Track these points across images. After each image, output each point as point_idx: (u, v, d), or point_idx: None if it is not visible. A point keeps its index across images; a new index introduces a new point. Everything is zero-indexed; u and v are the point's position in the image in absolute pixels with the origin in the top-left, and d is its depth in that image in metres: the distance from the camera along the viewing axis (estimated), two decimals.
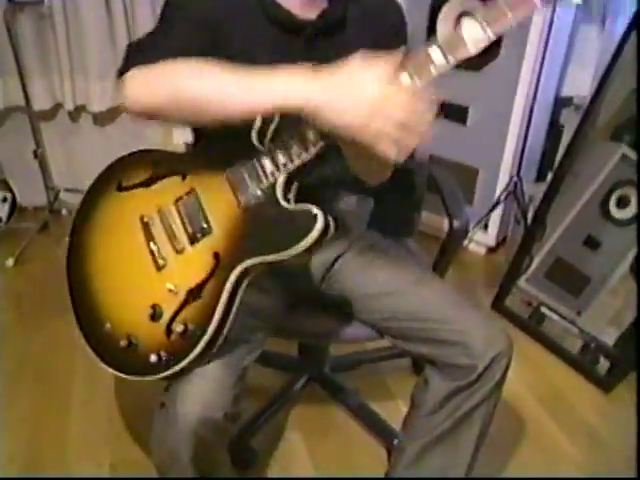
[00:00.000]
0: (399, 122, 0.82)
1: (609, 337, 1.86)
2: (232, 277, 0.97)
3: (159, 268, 1.03)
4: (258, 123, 0.97)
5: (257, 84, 0.87)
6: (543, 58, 2.12)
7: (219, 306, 0.96)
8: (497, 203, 2.39)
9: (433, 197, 1.46)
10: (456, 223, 1.34)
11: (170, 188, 1.05)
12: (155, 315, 0.99)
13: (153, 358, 0.97)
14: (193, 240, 1.02)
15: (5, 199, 2.38)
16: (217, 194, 1.01)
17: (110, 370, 1.02)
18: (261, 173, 0.98)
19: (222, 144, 1.02)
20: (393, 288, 1.18)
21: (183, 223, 1.03)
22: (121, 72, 0.97)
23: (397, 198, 1.40)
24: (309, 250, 0.96)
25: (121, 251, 1.06)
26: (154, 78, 0.93)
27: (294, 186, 1.00)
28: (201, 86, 0.90)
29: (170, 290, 1.00)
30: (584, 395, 1.82)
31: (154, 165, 1.07)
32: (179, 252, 1.02)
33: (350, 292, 1.23)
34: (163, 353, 0.97)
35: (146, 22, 2.36)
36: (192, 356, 0.96)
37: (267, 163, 0.98)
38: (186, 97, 0.90)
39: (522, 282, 2.13)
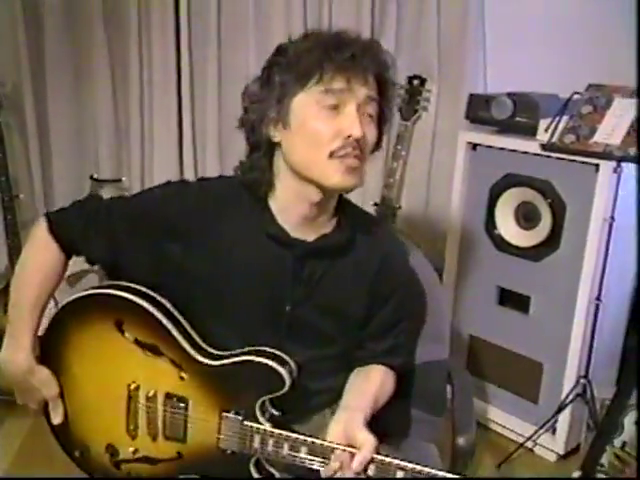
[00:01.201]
0: None
1: None
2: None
3: (129, 433, 1.14)
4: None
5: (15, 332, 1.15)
6: (606, 254, 1.97)
7: None
8: (563, 406, 2.13)
9: None
10: (461, 440, 1.18)
11: (168, 376, 1.11)
12: (112, 454, 1.16)
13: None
14: (168, 438, 1.13)
15: None
16: (204, 422, 1.10)
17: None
18: (247, 443, 1.06)
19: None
20: None
21: (164, 423, 1.13)
22: (48, 218, 1.17)
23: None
24: None
25: (98, 389, 1.15)
26: (35, 256, 1.18)
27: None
28: (19, 292, 1.17)
29: (133, 451, 1.15)
30: None
31: (161, 338, 1.10)
32: (152, 437, 1.13)
33: None
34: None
35: None
36: None
37: (256, 440, 1.05)
38: (17, 283, 1.18)
39: None
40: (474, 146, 2.29)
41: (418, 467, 0.96)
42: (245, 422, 1.06)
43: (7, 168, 2.20)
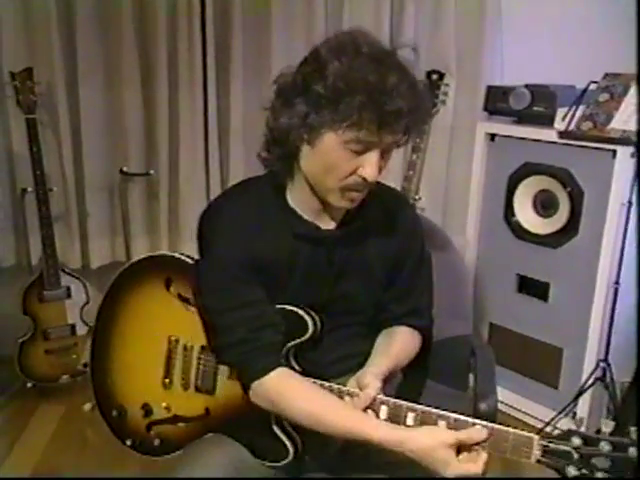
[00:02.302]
0: None
1: None
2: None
3: (165, 385, 1.25)
4: None
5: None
6: (624, 238, 2.01)
7: None
8: (582, 390, 2.16)
9: None
10: (482, 405, 1.23)
11: (202, 329, 1.19)
12: (146, 412, 1.26)
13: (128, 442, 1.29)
14: (198, 389, 1.23)
15: None
16: (233, 376, 1.18)
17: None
18: None
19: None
20: None
21: (197, 373, 1.23)
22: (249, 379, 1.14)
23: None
24: None
25: (142, 345, 1.27)
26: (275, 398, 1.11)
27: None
28: (331, 428, 1.08)
29: (165, 407, 1.25)
30: None
31: None
32: (184, 387, 1.24)
33: None
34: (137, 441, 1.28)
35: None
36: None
37: None
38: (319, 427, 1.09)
39: None
40: (492, 137, 2.34)
41: (427, 408, 1.03)
42: None
43: (42, 163, 2.29)
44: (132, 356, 1.28)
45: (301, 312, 1.14)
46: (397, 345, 1.22)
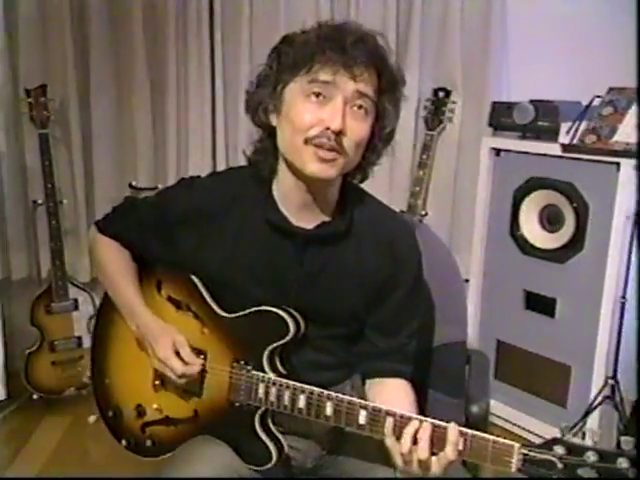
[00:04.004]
0: None
1: None
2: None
3: (155, 387, 1.24)
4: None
5: (127, 310, 1.25)
6: (630, 250, 1.98)
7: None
8: (590, 410, 2.11)
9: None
10: (474, 408, 1.21)
11: (192, 330, 1.20)
12: (139, 413, 1.27)
13: (124, 442, 1.30)
14: (186, 391, 1.21)
15: None
16: (218, 374, 1.17)
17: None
18: (253, 394, 1.12)
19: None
20: None
21: None
22: (96, 223, 1.34)
23: None
24: None
25: (135, 346, 1.26)
26: (100, 252, 1.31)
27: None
28: (110, 283, 1.30)
29: (156, 409, 1.25)
30: None
31: (189, 294, 1.22)
32: (173, 389, 1.22)
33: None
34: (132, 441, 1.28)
35: None
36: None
37: (261, 389, 1.11)
38: (104, 281, 1.32)
39: None
40: (497, 152, 2.34)
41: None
42: (252, 371, 1.12)
43: (52, 176, 2.34)
44: (126, 357, 1.29)
45: (278, 310, 1.12)
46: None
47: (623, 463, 0.87)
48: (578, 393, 2.20)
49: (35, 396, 2.44)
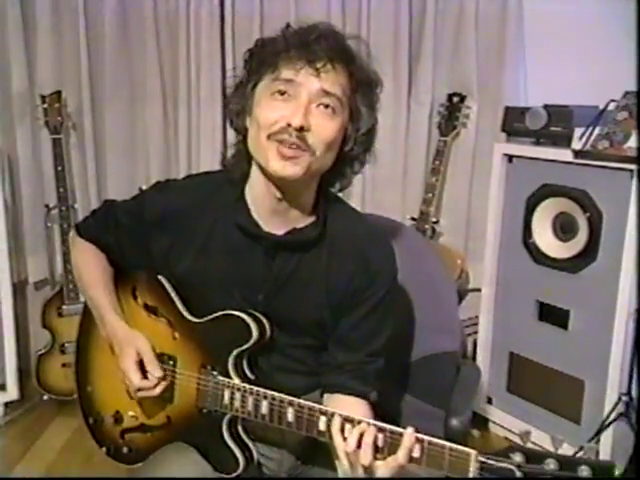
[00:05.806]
0: None
1: None
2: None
3: (130, 394, 1.22)
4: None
5: (98, 316, 1.25)
6: None
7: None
8: (603, 427, 2.02)
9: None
10: (454, 421, 1.16)
11: (164, 336, 1.19)
12: (116, 420, 1.26)
13: (104, 449, 1.29)
14: (159, 398, 1.17)
15: None
16: (188, 380, 1.16)
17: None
18: (219, 400, 1.11)
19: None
20: None
21: None
22: (76, 226, 1.38)
23: None
24: None
25: (112, 357, 1.23)
26: (77, 256, 1.34)
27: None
28: (85, 288, 1.30)
29: (132, 416, 1.24)
30: None
31: (161, 300, 1.21)
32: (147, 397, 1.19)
33: None
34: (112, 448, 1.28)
35: None
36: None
37: (226, 395, 1.10)
38: (80, 286, 1.37)
39: None
40: (510, 158, 2.28)
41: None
42: (218, 377, 1.10)
43: (65, 180, 2.39)
44: (105, 365, 1.28)
45: (242, 315, 1.10)
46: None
47: (584, 471, 0.84)
48: (592, 409, 2.11)
49: (46, 397, 2.48)
